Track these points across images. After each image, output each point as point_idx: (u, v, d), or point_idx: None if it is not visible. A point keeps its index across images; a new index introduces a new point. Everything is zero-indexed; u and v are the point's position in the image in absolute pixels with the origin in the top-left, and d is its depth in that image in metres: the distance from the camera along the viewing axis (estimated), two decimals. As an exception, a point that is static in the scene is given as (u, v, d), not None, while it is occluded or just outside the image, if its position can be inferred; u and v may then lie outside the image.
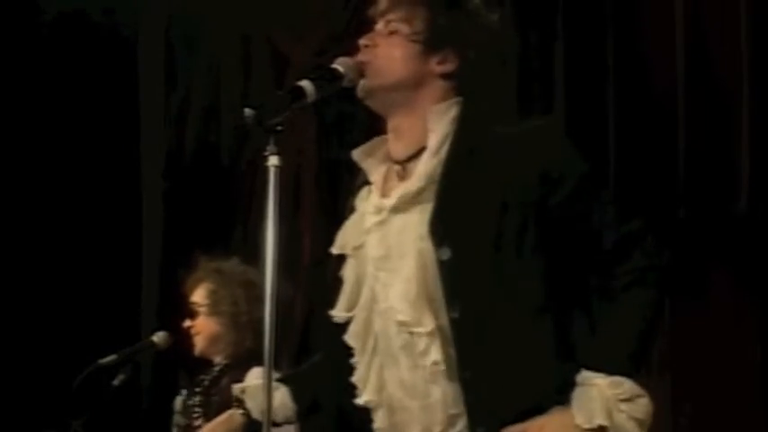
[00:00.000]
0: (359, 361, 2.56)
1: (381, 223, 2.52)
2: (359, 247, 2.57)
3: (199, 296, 4.18)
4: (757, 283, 3.94)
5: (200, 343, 4.15)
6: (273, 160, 2.38)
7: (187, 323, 4.19)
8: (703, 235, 4.01)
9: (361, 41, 2.57)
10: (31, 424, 4.82)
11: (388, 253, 2.50)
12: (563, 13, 4.43)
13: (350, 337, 2.57)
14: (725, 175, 4.01)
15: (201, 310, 4.16)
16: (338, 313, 2.59)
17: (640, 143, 4.17)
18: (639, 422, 2.37)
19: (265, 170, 2.38)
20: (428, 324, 2.43)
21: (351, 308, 2.57)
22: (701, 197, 4.05)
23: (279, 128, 2.40)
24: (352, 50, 2.58)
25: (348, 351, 2.59)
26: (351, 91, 2.56)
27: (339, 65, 2.55)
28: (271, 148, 2.39)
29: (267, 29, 5.59)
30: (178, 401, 4.10)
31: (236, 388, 2.85)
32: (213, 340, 4.13)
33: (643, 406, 2.38)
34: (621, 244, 2.44)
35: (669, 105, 4.13)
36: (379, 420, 2.54)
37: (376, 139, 2.62)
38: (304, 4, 5.43)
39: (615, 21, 4.31)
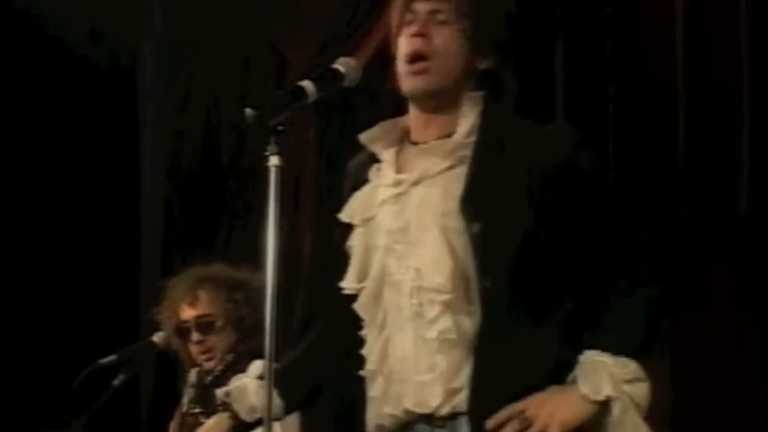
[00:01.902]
0: (368, 333, 2.57)
1: (399, 195, 2.53)
2: (369, 219, 2.58)
3: (206, 308, 3.95)
4: (757, 283, 3.94)
5: (217, 358, 3.90)
6: (274, 160, 2.39)
7: (197, 337, 3.93)
8: (703, 235, 4.01)
9: (411, 30, 2.54)
10: (31, 424, 4.82)
11: (406, 225, 2.51)
12: (563, 13, 4.43)
13: (360, 309, 2.58)
14: (725, 174, 4.01)
15: (219, 322, 3.93)
16: (348, 284, 2.60)
17: (640, 142, 4.17)
18: (638, 406, 2.41)
19: (266, 170, 2.38)
20: (442, 293, 2.45)
21: (361, 279, 2.57)
22: (701, 197, 4.05)
23: (280, 128, 2.41)
24: (352, 50, 2.58)
25: (353, 323, 2.59)
26: (351, 90, 2.57)
27: (340, 65, 2.55)
28: (271, 148, 2.39)
29: (267, 29, 5.59)
30: (192, 374, 3.92)
31: (221, 392, 2.84)
32: (231, 350, 3.91)
33: (643, 390, 2.42)
34: (638, 243, 2.49)
35: (669, 105, 4.13)
36: (374, 389, 2.55)
37: (384, 123, 2.62)
38: (304, 4, 5.43)
39: (615, 20, 4.31)
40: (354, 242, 2.60)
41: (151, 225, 5.96)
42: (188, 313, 3.95)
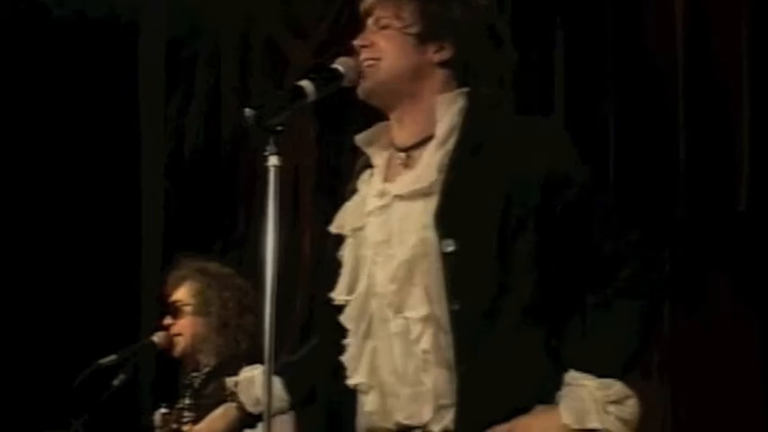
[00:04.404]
0: (351, 342, 2.56)
1: (384, 208, 2.52)
2: (359, 229, 2.57)
3: (183, 294, 4.10)
4: (757, 283, 3.95)
5: (182, 343, 4.06)
6: (273, 160, 2.38)
7: (167, 321, 4.10)
8: (703, 235, 4.01)
9: (356, 43, 2.57)
10: (32, 424, 4.82)
11: (388, 238, 2.49)
12: (563, 15, 4.43)
13: (344, 319, 2.56)
14: (725, 175, 4.01)
15: (186, 309, 4.07)
16: (338, 296, 2.58)
17: (640, 143, 4.17)
18: (626, 422, 2.38)
19: (265, 170, 2.38)
20: (420, 310, 2.43)
21: (351, 291, 2.56)
22: (700, 197, 4.05)
23: (279, 128, 2.40)
24: (352, 50, 2.58)
25: (343, 333, 2.58)
26: (351, 90, 2.56)
27: (339, 64, 2.55)
28: (271, 148, 2.39)
29: (267, 29, 5.59)
30: (157, 417, 3.88)
31: (230, 381, 2.85)
32: (197, 341, 4.05)
33: (631, 407, 2.38)
34: (619, 252, 2.44)
35: (669, 105, 4.13)
36: (369, 404, 2.53)
37: (379, 125, 2.62)
38: (304, 4, 5.43)
39: (615, 21, 4.31)
40: (345, 252, 2.60)
41: (152, 225, 5.96)
42: (171, 297, 4.11)
